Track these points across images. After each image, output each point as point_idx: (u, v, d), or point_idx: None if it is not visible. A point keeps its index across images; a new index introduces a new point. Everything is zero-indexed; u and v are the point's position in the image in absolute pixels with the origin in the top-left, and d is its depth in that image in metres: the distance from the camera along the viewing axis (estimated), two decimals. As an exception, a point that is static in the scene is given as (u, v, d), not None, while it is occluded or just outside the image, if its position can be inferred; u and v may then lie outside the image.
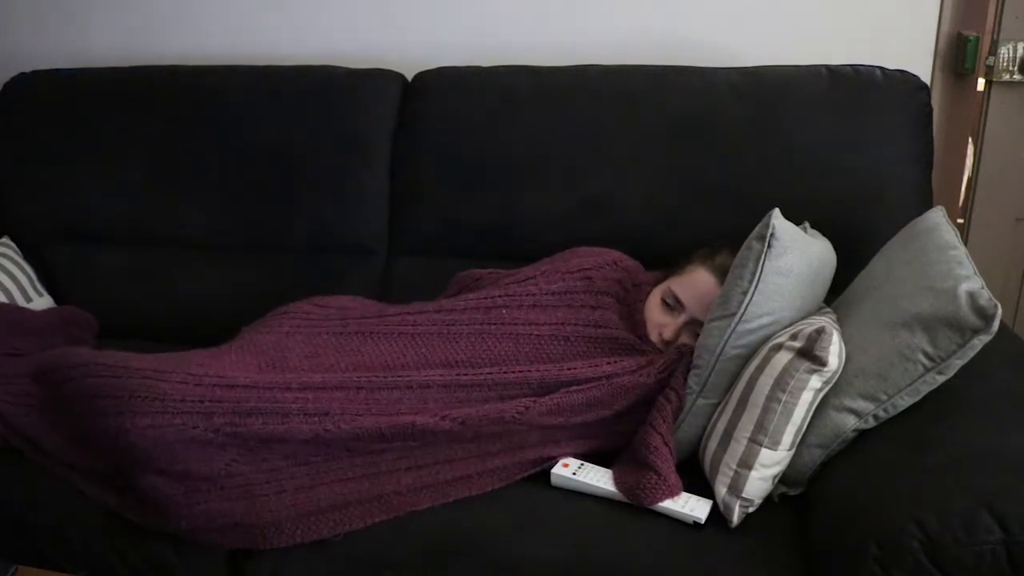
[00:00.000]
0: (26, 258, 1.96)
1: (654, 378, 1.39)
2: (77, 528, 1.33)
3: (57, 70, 2.06)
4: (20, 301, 1.85)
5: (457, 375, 1.39)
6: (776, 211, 1.34)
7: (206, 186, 1.92)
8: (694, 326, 1.47)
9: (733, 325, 1.31)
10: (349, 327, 1.51)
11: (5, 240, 1.97)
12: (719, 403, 1.34)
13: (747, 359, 1.32)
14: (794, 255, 1.33)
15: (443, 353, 1.45)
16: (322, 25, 2.09)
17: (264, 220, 1.90)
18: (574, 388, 1.38)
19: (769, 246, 1.30)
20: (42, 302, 1.91)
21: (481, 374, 1.40)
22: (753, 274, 1.31)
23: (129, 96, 1.97)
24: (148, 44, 2.16)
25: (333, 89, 1.89)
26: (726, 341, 1.32)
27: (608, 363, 1.42)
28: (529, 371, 1.40)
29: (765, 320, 1.31)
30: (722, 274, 1.43)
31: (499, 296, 1.53)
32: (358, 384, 1.36)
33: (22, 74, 2.06)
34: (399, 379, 1.38)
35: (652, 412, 1.36)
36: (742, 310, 1.31)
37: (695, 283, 1.50)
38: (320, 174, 1.86)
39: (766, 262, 1.30)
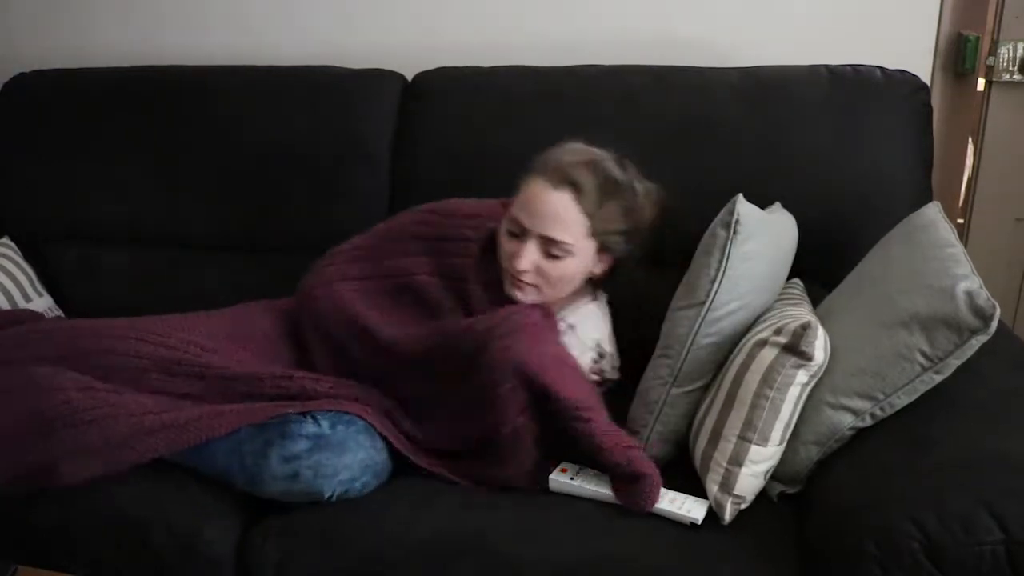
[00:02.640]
0: (26, 258, 1.96)
1: (483, 326, 1.37)
2: (79, 528, 1.33)
3: (57, 70, 2.06)
4: (20, 301, 1.85)
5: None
6: (739, 197, 1.34)
7: (206, 186, 1.92)
8: (546, 244, 1.41)
9: (703, 314, 1.32)
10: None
11: (5, 240, 1.97)
12: (693, 390, 1.35)
13: (719, 346, 1.32)
14: (760, 240, 1.33)
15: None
16: (322, 25, 2.09)
17: (264, 220, 1.90)
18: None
19: (735, 232, 1.30)
20: (42, 302, 1.91)
21: None
22: (720, 262, 1.31)
23: (129, 96, 1.97)
24: (148, 44, 2.16)
25: (333, 89, 1.89)
26: (697, 330, 1.32)
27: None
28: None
29: (733, 306, 1.32)
30: (555, 174, 1.40)
31: None
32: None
33: (22, 74, 2.06)
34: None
35: (589, 426, 1.29)
36: (710, 298, 1.31)
37: (530, 199, 1.43)
38: (320, 174, 1.86)
39: (732, 249, 1.31)
